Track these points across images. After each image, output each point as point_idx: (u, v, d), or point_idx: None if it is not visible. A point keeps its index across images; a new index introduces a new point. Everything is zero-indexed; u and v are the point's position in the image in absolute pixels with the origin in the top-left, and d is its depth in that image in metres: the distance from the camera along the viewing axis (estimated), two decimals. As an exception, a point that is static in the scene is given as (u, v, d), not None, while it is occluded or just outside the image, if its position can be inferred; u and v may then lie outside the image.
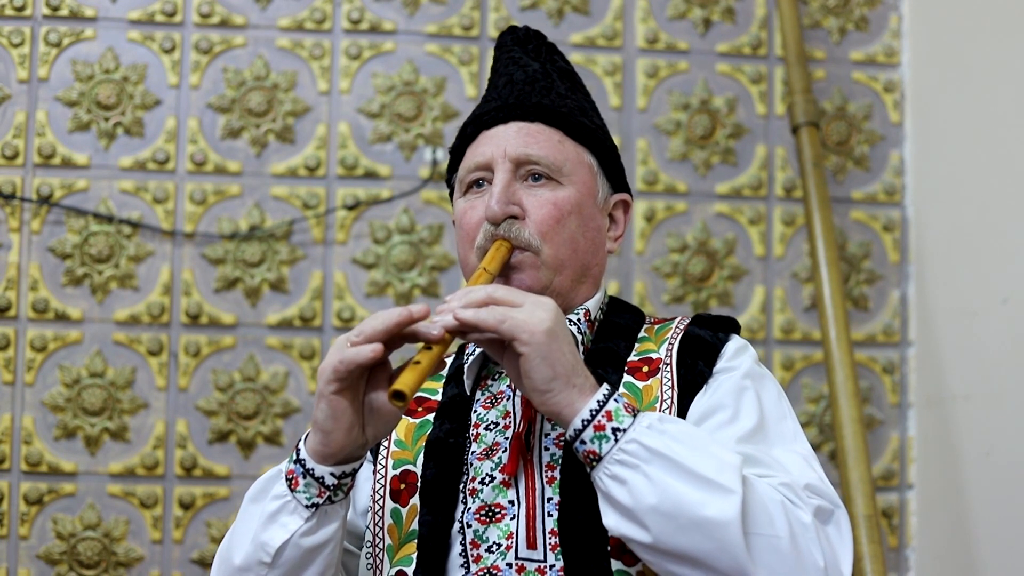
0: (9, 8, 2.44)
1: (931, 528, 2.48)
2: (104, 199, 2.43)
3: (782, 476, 1.31)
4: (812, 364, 2.56)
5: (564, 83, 1.58)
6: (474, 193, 1.51)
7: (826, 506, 1.31)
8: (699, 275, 2.55)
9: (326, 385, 1.26)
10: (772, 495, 1.26)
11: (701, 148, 2.58)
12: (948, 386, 2.43)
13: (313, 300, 2.46)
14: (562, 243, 1.47)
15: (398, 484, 1.45)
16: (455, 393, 1.50)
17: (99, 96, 2.45)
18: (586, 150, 1.53)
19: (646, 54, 2.59)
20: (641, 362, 1.46)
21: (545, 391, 1.26)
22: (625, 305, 1.58)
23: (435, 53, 2.54)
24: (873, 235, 2.60)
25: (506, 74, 1.57)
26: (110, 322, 2.41)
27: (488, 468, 1.41)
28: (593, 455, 1.25)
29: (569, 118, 1.52)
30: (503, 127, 1.51)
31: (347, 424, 1.27)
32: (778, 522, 1.24)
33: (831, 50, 2.64)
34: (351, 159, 2.49)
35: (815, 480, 1.33)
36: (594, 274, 1.53)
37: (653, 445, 1.24)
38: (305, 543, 1.31)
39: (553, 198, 1.47)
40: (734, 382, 1.41)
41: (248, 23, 2.50)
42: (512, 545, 1.35)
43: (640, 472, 1.23)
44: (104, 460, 2.38)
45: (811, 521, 1.27)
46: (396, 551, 1.41)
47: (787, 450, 1.37)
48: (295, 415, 2.44)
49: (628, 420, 1.26)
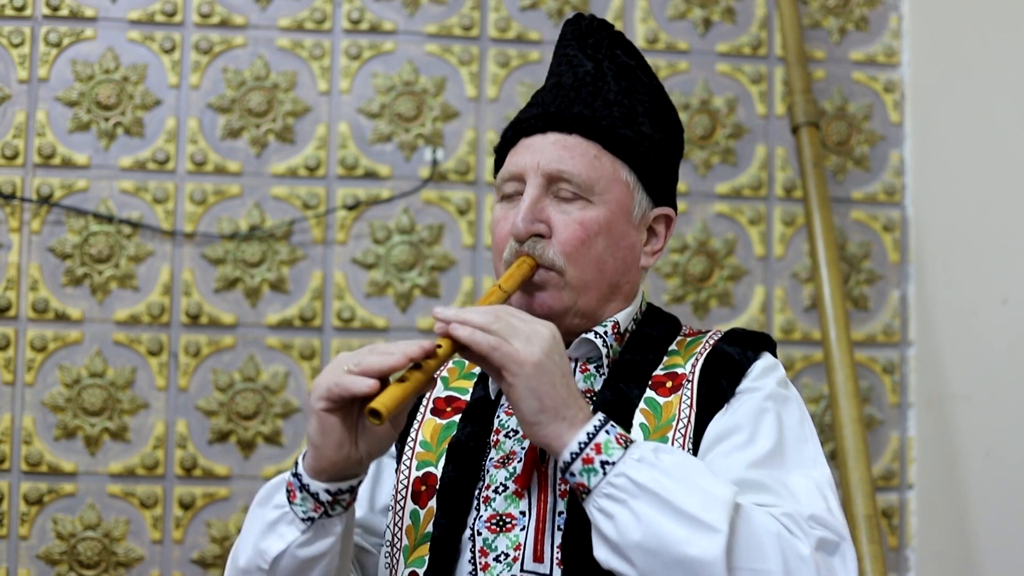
0: (9, 8, 2.44)
1: (931, 528, 2.48)
2: (104, 199, 2.43)
3: (787, 506, 1.29)
4: (812, 364, 2.56)
5: (620, 83, 1.52)
6: (508, 202, 1.49)
7: (831, 538, 1.28)
8: (699, 275, 2.55)
9: (316, 401, 1.25)
10: (768, 527, 1.24)
11: (701, 148, 2.58)
12: (948, 386, 2.43)
13: (313, 300, 2.46)
14: (587, 264, 1.44)
15: (419, 486, 1.44)
16: (481, 395, 1.49)
17: (99, 96, 2.45)
18: (624, 165, 1.47)
19: (646, 54, 2.55)
20: (666, 376, 1.44)
21: (533, 423, 1.26)
22: (662, 315, 1.55)
23: (435, 53, 2.54)
24: (873, 235, 2.60)
25: (556, 75, 1.54)
26: (110, 322, 2.41)
27: (503, 477, 1.40)
28: (582, 488, 1.25)
29: (609, 131, 1.47)
30: (541, 137, 1.47)
31: (336, 441, 1.26)
32: (769, 555, 1.22)
33: (831, 50, 2.64)
34: (351, 159, 2.49)
35: (822, 511, 1.30)
36: (625, 292, 1.50)
37: (641, 480, 1.22)
38: (301, 554, 1.30)
39: (581, 218, 1.44)
40: (755, 403, 1.39)
41: (248, 23, 2.50)
42: (519, 557, 1.35)
43: (627, 507, 1.22)
44: (104, 460, 2.38)
45: (809, 554, 1.24)
46: (411, 552, 1.41)
47: (803, 475, 1.35)
48: (295, 415, 2.44)
49: (618, 453, 1.24)
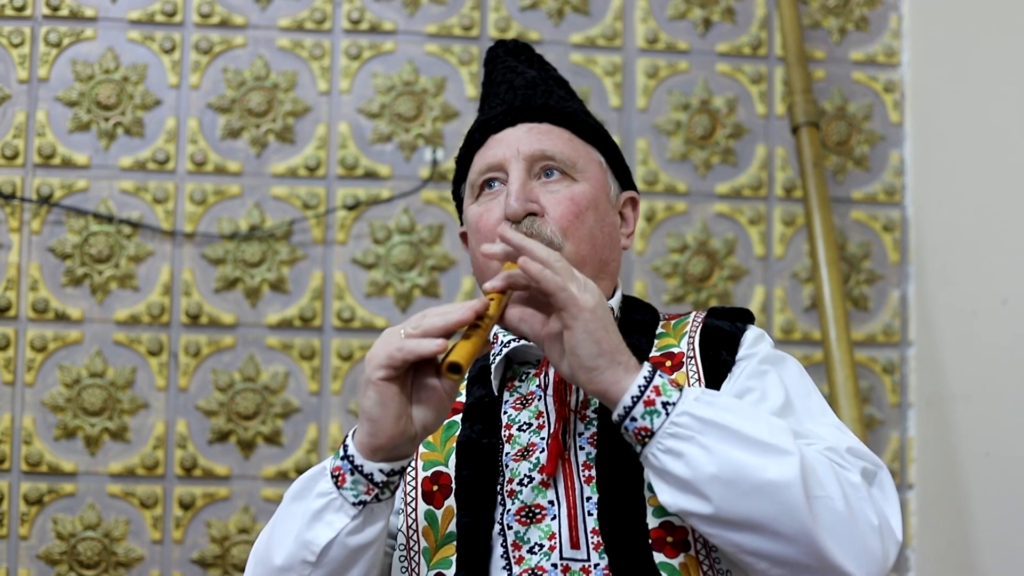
0: (9, 8, 2.44)
1: (931, 528, 2.48)
2: (104, 199, 2.43)
3: (821, 443, 1.32)
4: (812, 364, 2.55)
5: (560, 89, 1.60)
6: (487, 195, 1.50)
7: (870, 467, 1.32)
8: (699, 275, 2.55)
9: (375, 370, 1.24)
10: (819, 458, 1.27)
11: (701, 148, 2.58)
12: (948, 386, 2.43)
13: (313, 300, 2.46)
14: (582, 239, 1.46)
15: (430, 486, 1.44)
16: (483, 394, 1.49)
17: (99, 96, 2.44)
18: (594, 148, 1.54)
19: (646, 54, 2.59)
20: (663, 357, 1.46)
21: (592, 368, 1.25)
22: (639, 303, 1.58)
23: (435, 53, 2.54)
24: (873, 235, 2.60)
25: (505, 81, 1.58)
26: (110, 322, 2.41)
27: (526, 469, 1.40)
28: (645, 431, 1.24)
29: (575, 117, 1.53)
30: (512, 129, 1.50)
31: (395, 412, 1.25)
32: (829, 484, 1.24)
33: (831, 50, 2.64)
34: (351, 159, 2.49)
35: (855, 443, 1.34)
36: (611, 270, 1.53)
37: (705, 415, 1.24)
38: (351, 542, 1.28)
39: (570, 194, 1.47)
40: (753, 367, 1.42)
41: (248, 23, 2.50)
42: (556, 545, 1.35)
43: (695, 443, 1.23)
44: (104, 460, 2.38)
45: (860, 481, 1.28)
46: (433, 553, 1.40)
47: (817, 423, 1.38)
48: (295, 415, 2.44)
49: (676, 394, 1.25)
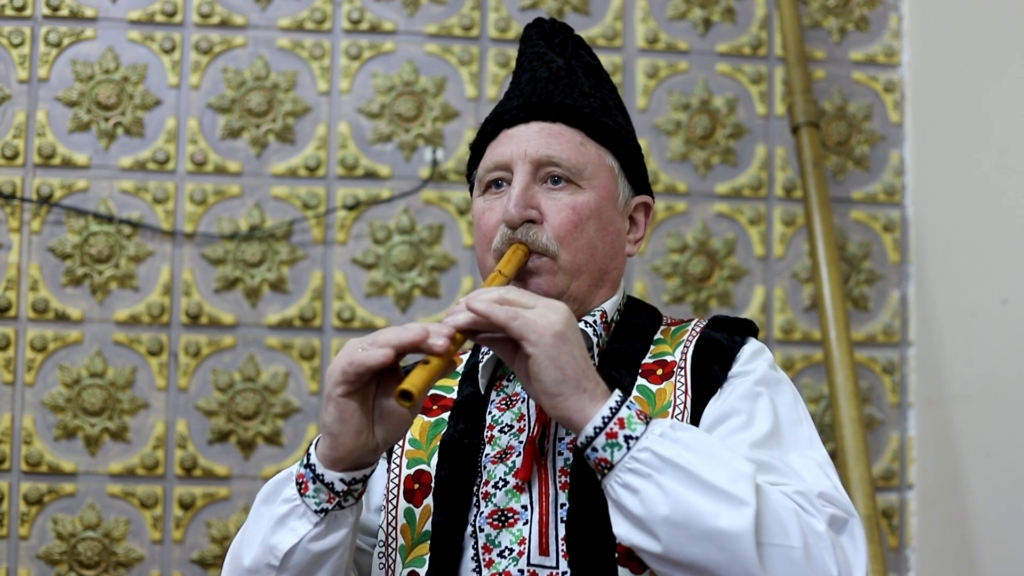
0: (9, 8, 2.44)
1: (931, 528, 2.48)
2: (104, 199, 2.43)
3: (795, 484, 1.29)
4: (812, 364, 2.56)
5: (589, 79, 1.55)
6: (493, 193, 1.49)
7: (840, 515, 1.29)
8: (699, 275, 2.55)
9: (334, 387, 1.24)
10: (785, 504, 1.24)
11: (701, 148, 2.58)
12: (948, 386, 2.43)
13: (313, 300, 2.46)
14: (580, 248, 1.45)
15: (412, 484, 1.44)
16: (470, 392, 1.48)
17: (99, 96, 2.45)
18: (608, 152, 1.51)
19: (646, 54, 2.59)
20: (656, 364, 1.45)
21: (555, 394, 1.24)
22: (643, 305, 1.56)
23: (435, 53, 2.54)
24: (873, 235, 2.60)
25: (530, 70, 1.55)
26: (110, 322, 2.41)
27: (502, 472, 1.40)
28: (605, 463, 1.23)
29: (591, 119, 1.49)
30: (524, 127, 1.48)
31: (355, 427, 1.25)
32: (791, 531, 1.22)
33: (831, 50, 2.64)
34: (351, 159, 2.49)
35: (829, 488, 1.31)
36: (612, 278, 1.51)
37: (666, 454, 1.22)
38: (314, 548, 1.29)
39: (572, 202, 1.45)
40: (747, 387, 1.39)
41: (248, 23, 2.50)
42: (524, 551, 1.35)
43: (652, 481, 1.21)
44: (104, 460, 2.38)
45: (825, 530, 1.25)
46: (409, 551, 1.41)
47: (802, 456, 1.35)
48: (295, 415, 2.44)
49: (640, 428, 1.23)
